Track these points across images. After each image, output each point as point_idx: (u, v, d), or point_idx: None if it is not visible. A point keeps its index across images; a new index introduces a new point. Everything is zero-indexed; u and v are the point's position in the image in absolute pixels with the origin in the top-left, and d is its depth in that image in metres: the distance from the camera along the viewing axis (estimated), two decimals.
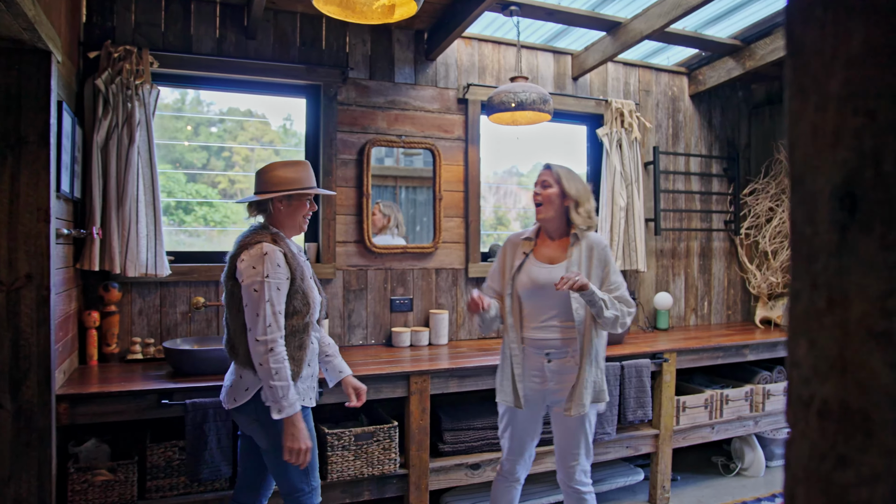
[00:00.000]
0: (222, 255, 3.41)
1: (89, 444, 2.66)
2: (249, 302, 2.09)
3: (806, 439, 0.59)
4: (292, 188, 2.23)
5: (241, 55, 3.36)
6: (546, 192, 2.53)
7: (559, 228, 2.58)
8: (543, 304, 2.52)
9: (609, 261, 2.54)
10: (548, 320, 2.52)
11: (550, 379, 2.52)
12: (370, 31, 3.66)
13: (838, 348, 0.56)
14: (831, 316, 0.56)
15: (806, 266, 0.59)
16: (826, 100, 0.57)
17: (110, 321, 3.05)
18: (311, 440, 2.19)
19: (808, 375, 0.59)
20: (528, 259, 2.57)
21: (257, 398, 2.15)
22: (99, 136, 2.94)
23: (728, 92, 4.80)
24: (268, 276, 2.08)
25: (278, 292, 2.11)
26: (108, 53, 2.97)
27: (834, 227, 0.56)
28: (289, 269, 2.16)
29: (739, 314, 4.87)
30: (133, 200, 2.98)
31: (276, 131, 3.89)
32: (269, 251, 2.11)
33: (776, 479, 4.07)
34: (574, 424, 2.51)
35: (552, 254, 2.56)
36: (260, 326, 2.06)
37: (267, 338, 2.06)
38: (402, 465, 3.06)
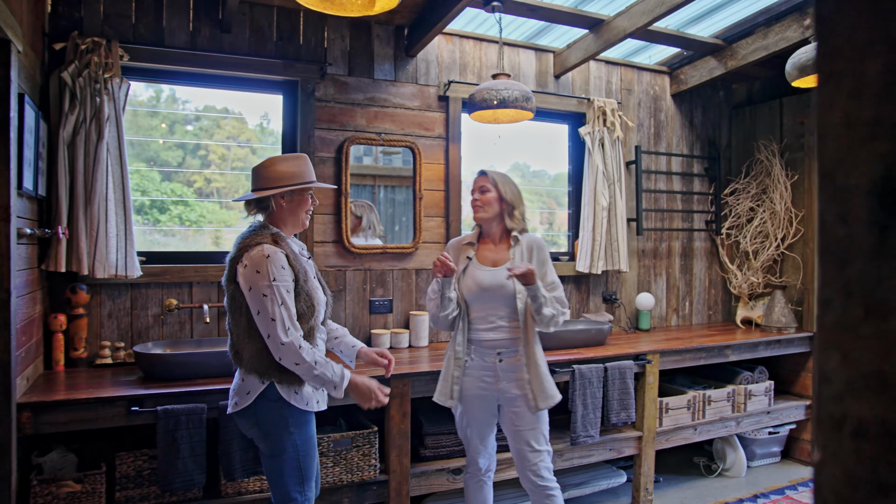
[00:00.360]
0: (196, 255, 3.34)
1: (54, 455, 2.54)
2: (261, 309, 2.03)
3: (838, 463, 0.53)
4: (294, 183, 2.17)
5: (215, 49, 3.25)
6: (485, 196, 2.61)
7: (499, 231, 2.68)
8: (491, 306, 2.59)
9: (548, 260, 2.65)
10: (497, 320, 2.59)
11: (503, 378, 2.57)
12: (349, 25, 3.57)
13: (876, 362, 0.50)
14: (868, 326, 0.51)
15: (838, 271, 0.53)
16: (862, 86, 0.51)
17: (78, 324, 2.93)
18: (312, 448, 2.19)
19: (841, 392, 0.53)
20: (472, 263, 2.65)
21: (257, 403, 2.11)
22: (65, 132, 2.82)
23: (709, 91, 4.79)
24: (274, 280, 2.04)
25: (289, 294, 2.07)
26: (74, 45, 2.85)
27: (872, 228, 0.50)
28: (292, 270, 2.11)
29: (720, 314, 4.87)
30: (102, 199, 2.87)
31: (252, 129, 3.79)
32: (270, 253, 2.05)
33: (757, 480, 4.06)
34: (533, 419, 2.56)
35: (494, 256, 2.64)
36: (280, 330, 2.03)
37: (290, 339, 2.03)
38: (382, 470, 2.98)
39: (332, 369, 2.11)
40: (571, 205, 4.40)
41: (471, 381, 2.62)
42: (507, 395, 2.58)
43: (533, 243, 2.65)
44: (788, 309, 4.30)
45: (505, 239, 2.68)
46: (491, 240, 2.69)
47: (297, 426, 2.15)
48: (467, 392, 2.63)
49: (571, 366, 3.32)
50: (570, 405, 3.30)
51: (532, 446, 2.57)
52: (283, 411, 2.12)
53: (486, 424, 2.67)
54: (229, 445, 2.57)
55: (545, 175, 4.73)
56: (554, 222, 4.72)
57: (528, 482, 2.61)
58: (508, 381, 2.57)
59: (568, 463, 3.40)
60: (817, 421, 0.55)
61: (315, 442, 2.24)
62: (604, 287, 4.34)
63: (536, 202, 4.72)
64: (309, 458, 2.19)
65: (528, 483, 2.61)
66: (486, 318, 2.60)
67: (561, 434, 3.51)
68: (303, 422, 2.17)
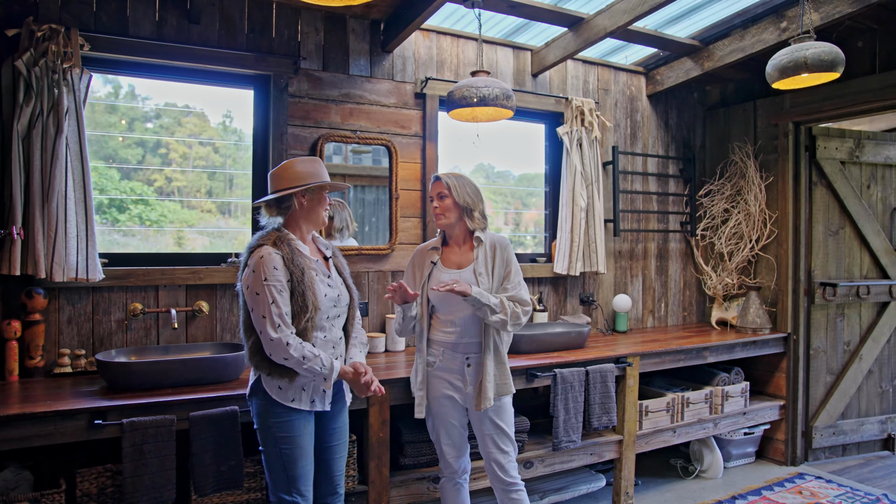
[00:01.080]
0: (162, 257, 3.18)
1: (7, 473, 2.36)
2: (254, 306, 2.15)
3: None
4: (312, 182, 2.28)
5: (183, 41, 3.09)
6: (443, 202, 2.63)
7: (461, 234, 2.70)
8: (456, 308, 2.60)
9: (511, 260, 2.68)
10: (463, 323, 2.62)
11: (470, 382, 2.62)
12: (323, 19, 3.44)
13: None
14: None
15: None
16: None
17: (34, 331, 2.74)
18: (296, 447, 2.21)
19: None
20: (437, 267, 2.68)
21: (252, 395, 2.26)
22: (20, 125, 2.63)
23: (684, 93, 4.80)
24: (265, 280, 2.13)
25: (281, 294, 2.15)
26: (29, 32, 2.66)
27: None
28: (287, 270, 2.17)
29: (695, 315, 4.88)
30: (61, 197, 2.68)
31: (215, 127, 3.63)
32: (265, 255, 2.15)
33: (734, 480, 4.07)
34: (496, 418, 2.62)
35: (458, 259, 2.68)
36: (269, 327, 2.12)
37: (278, 336, 2.11)
38: (360, 481, 2.87)
39: (321, 362, 2.16)
40: (549, 205, 4.34)
41: (437, 383, 2.67)
42: (473, 400, 2.62)
43: (496, 242, 2.68)
44: (763, 310, 4.32)
45: (468, 240, 2.71)
46: (455, 242, 2.72)
47: (278, 423, 2.21)
48: (434, 393, 2.68)
49: (553, 370, 3.25)
50: (552, 409, 3.24)
51: (499, 446, 2.64)
52: (266, 405, 2.22)
53: (455, 426, 2.69)
54: (201, 458, 2.42)
55: (509, 175, 4.66)
56: (521, 223, 4.66)
57: (496, 480, 2.67)
58: (472, 384, 2.62)
59: (549, 469, 3.33)
60: None
61: (303, 442, 2.24)
62: (581, 289, 4.30)
63: (501, 203, 4.64)
64: (293, 458, 2.21)
65: (496, 481, 2.67)
66: (452, 320, 2.63)
67: (541, 439, 3.44)
68: (287, 419, 2.21)
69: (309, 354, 2.14)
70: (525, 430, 3.32)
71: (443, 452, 2.72)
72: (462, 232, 2.69)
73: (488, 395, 2.57)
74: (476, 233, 2.66)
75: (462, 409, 2.69)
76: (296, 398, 2.22)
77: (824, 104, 4.12)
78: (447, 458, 2.72)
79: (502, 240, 2.70)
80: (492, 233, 2.73)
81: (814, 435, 4.36)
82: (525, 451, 3.28)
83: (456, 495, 2.77)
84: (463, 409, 2.69)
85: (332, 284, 2.34)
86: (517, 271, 2.68)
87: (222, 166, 3.63)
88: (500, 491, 2.67)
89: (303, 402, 2.24)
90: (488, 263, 2.64)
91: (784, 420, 4.36)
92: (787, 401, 4.35)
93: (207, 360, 2.70)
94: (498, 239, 2.70)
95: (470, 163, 4.34)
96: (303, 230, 2.35)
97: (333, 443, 2.39)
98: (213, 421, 2.45)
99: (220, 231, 3.60)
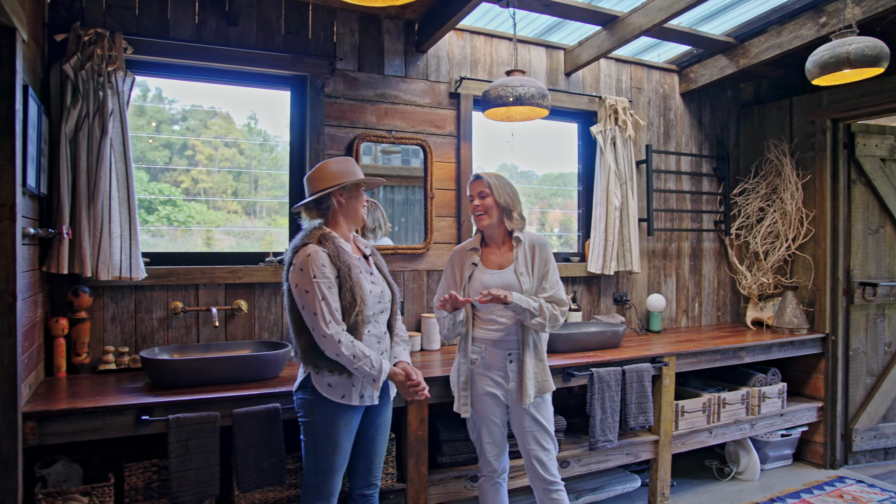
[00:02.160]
0: (202, 256, 3.22)
1: (58, 466, 2.41)
2: (305, 304, 2.18)
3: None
4: (348, 180, 2.32)
5: (221, 42, 3.13)
6: (484, 201, 2.64)
7: (501, 234, 2.70)
8: (498, 308, 2.61)
9: (550, 260, 2.68)
10: (505, 321, 2.63)
11: (512, 378, 2.62)
12: (359, 20, 3.47)
13: None
14: None
15: None
16: None
17: (80, 329, 2.80)
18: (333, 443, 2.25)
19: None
20: (478, 268, 2.67)
21: (300, 388, 2.31)
22: (68, 127, 2.69)
23: (718, 91, 4.74)
24: (315, 277, 2.16)
25: (330, 290, 2.18)
26: (77, 37, 2.72)
27: None
28: (334, 267, 2.20)
29: (729, 315, 4.82)
30: (106, 197, 2.74)
31: (240, 129, 3.67)
32: (312, 253, 2.19)
33: (772, 483, 4.01)
34: (538, 416, 2.62)
35: (499, 259, 2.68)
36: (321, 323, 2.15)
37: (331, 332, 2.15)
38: (399, 478, 2.88)
39: (370, 363, 2.19)
40: (582, 204, 4.32)
41: (480, 380, 2.66)
42: (514, 395, 2.62)
43: (535, 242, 2.68)
44: (800, 310, 4.25)
45: (507, 241, 2.72)
46: (494, 243, 2.72)
47: (322, 417, 2.26)
48: (477, 391, 2.67)
49: (589, 369, 3.24)
50: (589, 409, 3.22)
51: (541, 444, 2.64)
52: (313, 400, 2.27)
53: (496, 424, 2.68)
54: (244, 454, 2.45)
55: (532, 175, 4.63)
56: (546, 222, 4.64)
57: (537, 479, 2.66)
58: (515, 380, 2.62)
59: (585, 468, 3.31)
60: None
61: (342, 438, 2.28)
62: (614, 288, 4.27)
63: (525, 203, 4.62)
64: (327, 451, 2.26)
65: (537, 480, 2.66)
66: (495, 319, 2.64)
67: (577, 438, 3.43)
68: (331, 414, 2.25)
69: (360, 354, 2.17)
70: (561, 430, 3.31)
71: (483, 451, 2.71)
72: (501, 232, 2.69)
73: (529, 392, 2.57)
74: (515, 233, 2.67)
75: (503, 406, 2.68)
76: (346, 394, 2.25)
77: (863, 100, 4.04)
78: (488, 457, 2.71)
79: (541, 239, 2.71)
80: (530, 232, 2.74)
81: (854, 438, 4.28)
82: (561, 451, 3.26)
83: (495, 494, 2.76)
84: (504, 407, 2.68)
85: (375, 281, 2.37)
86: (555, 271, 2.69)
87: (247, 167, 3.67)
88: (540, 490, 2.66)
89: (353, 397, 2.26)
90: (528, 263, 2.64)
91: (822, 422, 4.28)
92: (825, 402, 4.27)
93: (248, 357, 2.73)
94: (537, 238, 2.70)
95: (495, 162, 4.33)
96: (343, 228, 2.38)
97: (377, 436, 2.43)
98: (257, 418, 2.48)
99: (245, 231, 3.65)
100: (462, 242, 2.85)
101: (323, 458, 2.27)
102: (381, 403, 2.42)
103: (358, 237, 2.51)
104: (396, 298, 2.47)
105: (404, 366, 2.36)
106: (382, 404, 2.43)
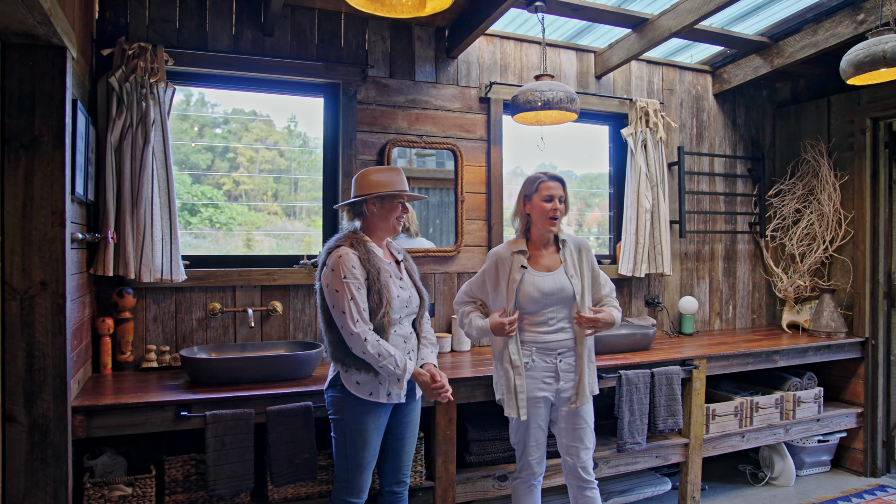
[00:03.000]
0: (239, 258, 3.34)
1: (105, 458, 2.55)
2: (335, 303, 2.27)
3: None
4: (382, 191, 2.38)
5: (257, 52, 3.25)
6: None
7: (549, 237, 2.73)
8: (552, 309, 2.65)
9: (594, 261, 2.76)
10: (557, 322, 2.65)
11: (563, 378, 2.65)
12: (390, 27, 3.55)
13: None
14: None
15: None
16: None
17: (124, 328, 2.94)
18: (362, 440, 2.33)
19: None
20: (528, 271, 2.66)
21: (331, 387, 2.41)
22: (113, 137, 2.83)
23: (752, 91, 4.68)
24: (345, 278, 2.26)
25: (359, 291, 2.27)
26: (122, 51, 2.86)
27: None
28: (364, 269, 2.29)
29: (765, 318, 4.75)
30: (148, 203, 2.87)
31: (280, 132, 3.78)
32: (343, 254, 2.29)
33: (807, 490, 3.94)
34: (586, 415, 2.67)
35: (547, 262, 2.70)
36: (349, 322, 2.24)
37: (358, 330, 2.23)
38: (427, 477, 2.94)
39: (395, 362, 2.26)
40: (613, 207, 4.32)
41: (532, 384, 2.65)
42: (564, 395, 2.66)
43: (580, 244, 2.74)
44: (838, 313, 4.17)
45: (552, 243, 2.74)
46: (539, 246, 2.72)
47: (351, 414, 2.33)
48: (529, 395, 2.65)
49: (618, 371, 3.25)
50: (617, 411, 3.24)
51: (584, 443, 2.67)
52: (343, 398, 2.35)
53: (542, 428, 2.70)
54: (277, 450, 2.55)
55: (571, 175, 4.63)
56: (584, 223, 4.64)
57: (575, 477, 2.69)
58: (567, 380, 2.65)
59: (613, 470, 3.33)
60: None
61: (370, 435, 2.35)
62: (646, 290, 4.26)
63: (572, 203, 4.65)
64: (357, 447, 2.34)
65: (574, 478, 2.69)
66: (547, 321, 2.66)
67: (606, 440, 3.44)
68: (359, 411, 2.33)
69: (385, 353, 2.24)
70: None
71: (527, 454, 2.70)
72: (550, 235, 2.72)
73: (586, 393, 2.64)
74: (560, 235, 2.72)
75: (549, 407, 2.70)
76: (373, 392, 2.33)
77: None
78: (530, 460, 2.70)
79: (584, 241, 2.76)
80: (571, 234, 2.79)
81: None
82: None
83: (530, 496, 2.77)
84: (549, 407, 2.70)
85: (404, 287, 2.45)
86: (601, 271, 2.77)
87: (287, 169, 3.78)
88: (576, 488, 2.69)
89: (380, 395, 2.34)
90: (576, 265, 2.68)
91: (862, 428, 4.19)
92: (865, 408, 4.18)
93: (282, 357, 2.84)
94: (580, 241, 2.75)
95: (528, 164, 4.36)
96: (376, 234, 2.46)
97: (406, 434, 2.50)
98: (289, 415, 2.57)
99: (286, 233, 3.76)
100: (498, 245, 2.85)
101: (352, 454, 2.35)
102: (410, 402, 2.49)
103: (392, 242, 2.59)
104: (425, 303, 2.54)
105: (430, 367, 2.43)
106: (411, 403, 2.50)
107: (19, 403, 2.10)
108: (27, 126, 2.11)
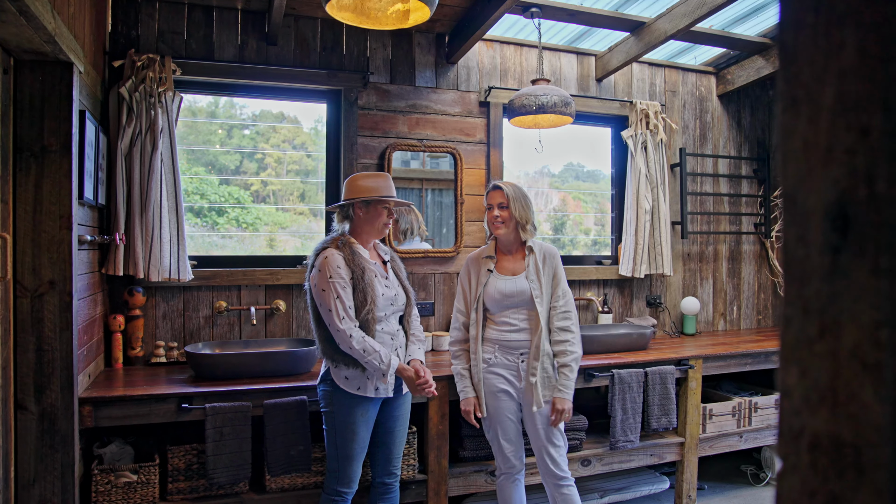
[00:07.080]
0: (245, 259, 3.49)
1: (113, 446, 2.70)
2: (322, 301, 2.40)
3: (797, 474, 0.56)
4: (368, 196, 2.49)
5: (262, 61, 3.39)
6: (504, 212, 2.75)
7: (515, 242, 2.82)
8: (512, 310, 2.77)
9: (559, 269, 2.81)
10: (517, 323, 2.76)
11: (524, 378, 2.74)
12: (390, 35, 3.65)
13: (829, 379, 0.52)
14: (822, 344, 0.53)
15: (798, 290, 0.55)
16: (818, 113, 0.53)
17: (135, 325, 3.10)
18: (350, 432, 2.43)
19: (799, 406, 0.55)
20: (493, 274, 2.80)
21: (322, 381, 2.52)
22: (123, 144, 2.99)
23: (757, 91, 4.68)
24: (331, 277, 2.39)
25: (345, 290, 2.39)
26: (131, 62, 3.02)
27: (826, 250, 0.53)
28: (349, 269, 2.42)
29: (770, 319, 4.74)
30: (156, 206, 3.03)
31: (307, 133, 3.90)
32: (329, 256, 2.42)
33: None
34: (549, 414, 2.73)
35: (512, 266, 2.81)
36: (335, 319, 2.36)
37: (343, 327, 2.36)
38: (421, 470, 3.05)
39: (380, 358, 2.38)
40: (615, 208, 4.37)
41: (493, 378, 2.77)
42: (525, 396, 2.73)
43: (546, 252, 2.80)
44: None
45: (521, 249, 2.84)
46: (507, 250, 2.85)
47: (340, 407, 2.45)
48: (490, 389, 2.77)
49: (611, 370, 3.31)
50: (610, 409, 3.30)
51: (553, 442, 2.74)
52: (332, 392, 2.47)
53: (511, 421, 2.78)
54: (273, 442, 2.68)
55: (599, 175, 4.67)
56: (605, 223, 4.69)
57: (548, 475, 2.76)
58: (525, 380, 2.74)
59: (607, 467, 3.39)
60: (780, 433, 0.58)
61: (359, 427, 2.47)
62: (647, 291, 4.30)
63: (591, 202, 4.71)
64: (346, 439, 2.46)
65: (548, 476, 2.76)
66: (508, 322, 2.77)
67: (601, 438, 3.50)
68: (348, 405, 2.45)
69: (370, 348, 2.36)
70: (583, 429, 3.39)
71: (501, 448, 2.79)
72: (515, 240, 2.81)
73: (539, 397, 2.68)
74: (528, 242, 2.79)
75: (517, 403, 2.78)
76: (361, 386, 2.45)
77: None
78: (506, 454, 2.79)
79: (552, 249, 2.83)
80: (541, 242, 2.86)
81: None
82: (583, 449, 3.35)
83: (513, 491, 2.84)
84: (517, 404, 2.78)
85: (389, 285, 2.56)
86: (564, 280, 2.81)
87: (314, 170, 3.89)
88: (551, 485, 2.76)
89: (368, 389, 2.46)
90: (539, 271, 2.76)
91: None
92: None
93: (280, 353, 2.97)
94: (548, 248, 2.82)
95: (533, 167, 4.43)
96: (363, 237, 2.58)
97: (395, 428, 2.62)
98: (285, 409, 2.70)
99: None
100: (477, 249, 2.98)
101: (342, 445, 2.47)
102: (399, 397, 2.60)
103: (379, 244, 2.71)
104: (411, 300, 2.65)
105: (415, 363, 2.54)
106: (400, 398, 2.61)
107: (30, 393, 2.26)
108: (37, 136, 2.27)
